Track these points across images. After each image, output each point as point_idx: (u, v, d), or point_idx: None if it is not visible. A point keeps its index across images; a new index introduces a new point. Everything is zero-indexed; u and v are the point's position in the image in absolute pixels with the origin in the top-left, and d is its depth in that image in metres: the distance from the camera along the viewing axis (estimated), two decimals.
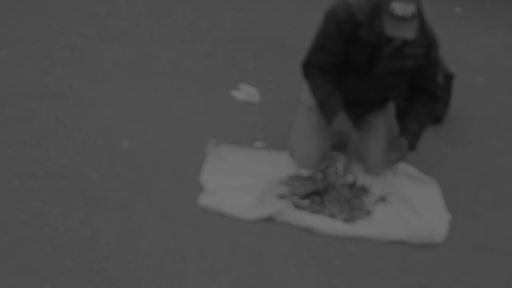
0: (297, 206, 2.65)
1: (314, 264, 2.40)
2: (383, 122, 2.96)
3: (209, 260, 2.36)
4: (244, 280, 2.29)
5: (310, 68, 2.80)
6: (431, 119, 2.94)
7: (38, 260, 2.28)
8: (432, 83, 2.86)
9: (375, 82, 2.80)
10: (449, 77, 3.52)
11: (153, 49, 4.29)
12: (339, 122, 2.74)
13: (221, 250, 2.41)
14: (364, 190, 2.79)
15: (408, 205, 2.75)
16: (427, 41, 2.71)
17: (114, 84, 3.73)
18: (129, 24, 4.72)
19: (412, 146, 2.85)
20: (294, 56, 3.07)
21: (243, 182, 2.77)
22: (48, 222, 2.47)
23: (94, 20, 4.74)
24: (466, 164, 3.21)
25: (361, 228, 2.59)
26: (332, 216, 2.63)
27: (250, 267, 2.34)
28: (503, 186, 3.06)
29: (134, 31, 4.60)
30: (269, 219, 2.59)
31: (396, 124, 2.97)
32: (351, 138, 2.76)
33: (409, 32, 2.53)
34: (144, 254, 2.35)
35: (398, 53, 2.69)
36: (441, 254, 2.52)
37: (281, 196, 2.70)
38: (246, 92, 3.69)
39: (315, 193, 2.72)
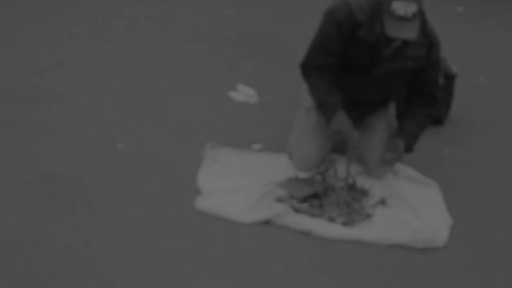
0: (296, 210, 2.62)
1: (313, 267, 2.38)
2: (384, 123, 2.94)
3: (207, 262, 2.34)
4: (243, 282, 2.26)
5: (309, 68, 2.78)
6: (429, 121, 2.91)
7: (33, 263, 2.25)
8: (432, 85, 2.82)
9: (375, 83, 2.77)
10: (451, 78, 3.49)
11: (151, 49, 4.28)
12: (338, 121, 2.72)
13: (219, 253, 2.39)
14: (364, 192, 2.76)
15: (409, 208, 2.72)
16: (428, 42, 2.68)
17: (111, 84, 3.71)
18: (127, 24, 4.72)
19: (408, 148, 2.83)
20: (293, 56, 3.06)
21: (241, 184, 2.75)
22: (43, 224, 2.46)
23: (92, 20, 4.73)
24: (468, 166, 3.18)
25: (360, 231, 2.56)
26: (331, 219, 2.60)
27: (249, 269, 2.32)
28: (504, 188, 3.03)
29: (132, 31, 4.60)
30: (267, 222, 2.57)
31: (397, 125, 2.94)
32: (351, 137, 2.73)
33: (410, 33, 2.50)
34: (141, 257, 2.33)
35: (398, 54, 2.67)
36: (442, 257, 2.50)
37: (279, 199, 2.68)
38: (244, 93, 3.66)
39: (314, 196, 2.69)
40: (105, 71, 3.88)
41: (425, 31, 2.65)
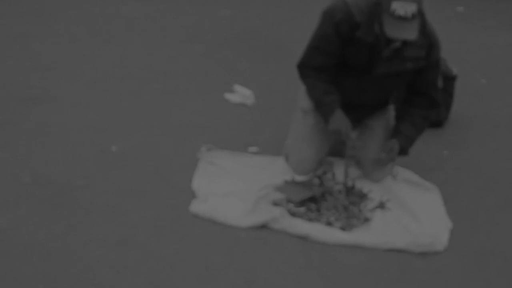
0: (293, 214, 2.59)
1: (311, 272, 2.35)
2: (382, 125, 2.91)
3: (203, 267, 2.31)
4: (239, 287, 2.24)
5: (306, 68, 2.76)
6: (426, 124, 2.86)
7: (23, 269, 2.22)
8: (431, 87, 2.79)
9: (374, 84, 2.74)
10: (451, 79, 3.46)
11: (149, 49, 4.28)
12: (336, 120, 2.69)
13: (215, 257, 2.36)
14: (362, 196, 2.72)
15: (408, 212, 2.68)
16: (428, 43, 2.65)
17: (107, 85, 3.70)
18: (125, 25, 4.71)
19: (403, 150, 2.79)
20: (291, 57, 3.04)
21: (236, 188, 2.72)
22: (35, 229, 2.43)
23: (91, 20, 4.72)
24: (468, 169, 3.15)
25: (359, 236, 2.53)
26: (329, 224, 2.56)
27: (245, 274, 2.29)
28: (505, 191, 2.99)
29: (130, 31, 4.59)
30: (263, 226, 2.54)
31: None
32: (349, 137, 2.69)
33: (410, 33, 2.46)
34: (135, 262, 2.30)
35: (397, 55, 2.63)
36: (441, 261, 2.47)
37: (276, 203, 2.64)
38: (240, 94, 3.64)
39: (312, 199, 2.65)
40: (102, 71, 3.87)
41: (425, 31, 2.61)
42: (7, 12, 4.74)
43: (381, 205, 2.69)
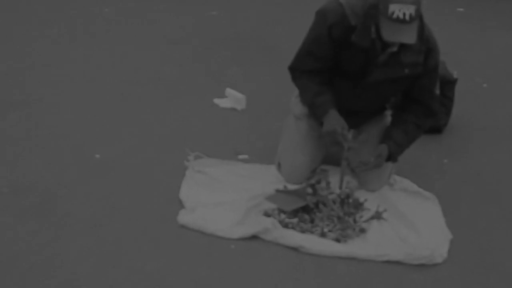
0: (285, 225, 2.52)
1: (305, 284, 2.29)
2: (378, 132, 2.83)
3: (190, 281, 2.24)
4: None
5: (297, 71, 2.73)
6: (420, 133, 2.80)
7: (3, 283, 2.15)
8: (428, 94, 2.73)
9: (370, 90, 2.68)
10: (451, 83, 3.41)
11: (132, 53, 4.32)
12: (330, 121, 2.63)
13: (204, 271, 2.30)
14: (358, 206, 2.65)
15: (406, 222, 2.63)
16: (426, 47, 2.59)
17: (87, 91, 3.66)
18: (109, 27, 4.73)
19: (393, 157, 2.73)
20: (283, 60, 3.01)
21: (226, 198, 2.67)
22: (13, 242, 2.36)
23: (69, 23, 4.72)
24: (468, 177, 3.10)
25: (354, 247, 2.47)
26: (323, 235, 2.50)
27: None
28: (507, 201, 2.94)
29: (115, 33, 4.62)
30: (254, 237, 2.48)
31: None
32: (346, 138, 2.61)
33: (409, 36, 2.41)
34: (119, 277, 2.23)
35: (394, 60, 2.58)
36: (441, 274, 2.41)
37: (267, 214, 2.58)
38: (232, 98, 3.61)
39: (305, 210, 2.58)
40: (79, 77, 3.83)
41: (423, 36, 2.55)
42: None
43: (378, 216, 2.62)
